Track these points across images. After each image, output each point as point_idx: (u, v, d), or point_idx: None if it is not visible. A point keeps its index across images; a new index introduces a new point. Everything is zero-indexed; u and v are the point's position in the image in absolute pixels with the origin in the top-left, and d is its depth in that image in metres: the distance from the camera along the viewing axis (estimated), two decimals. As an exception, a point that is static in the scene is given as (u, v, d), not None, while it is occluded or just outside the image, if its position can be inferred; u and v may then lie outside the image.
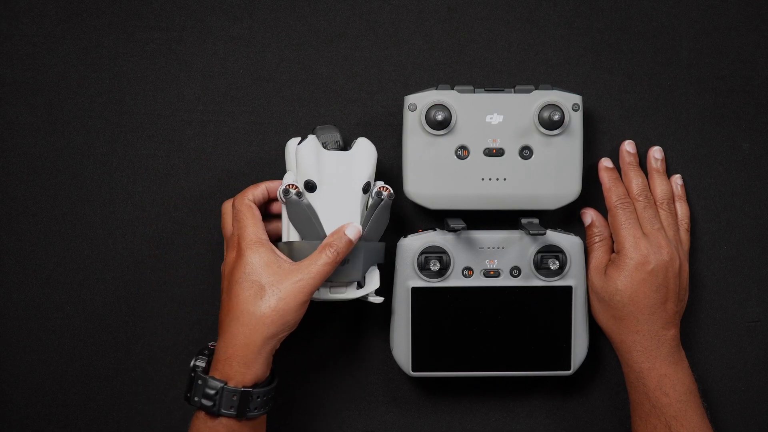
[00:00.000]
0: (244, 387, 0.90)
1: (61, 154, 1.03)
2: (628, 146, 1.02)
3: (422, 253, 1.00)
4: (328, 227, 0.94)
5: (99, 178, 1.03)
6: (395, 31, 1.03)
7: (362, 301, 1.02)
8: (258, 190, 0.96)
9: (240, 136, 1.03)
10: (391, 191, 0.97)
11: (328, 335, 1.05)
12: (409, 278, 1.00)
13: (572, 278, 1.00)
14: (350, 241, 0.93)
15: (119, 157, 1.03)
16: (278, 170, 1.03)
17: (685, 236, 1.03)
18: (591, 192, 1.03)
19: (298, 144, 0.95)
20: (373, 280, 0.98)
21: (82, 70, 1.02)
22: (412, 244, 1.00)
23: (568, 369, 1.01)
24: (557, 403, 1.06)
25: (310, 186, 0.94)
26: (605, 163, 1.02)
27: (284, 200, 0.94)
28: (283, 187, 0.94)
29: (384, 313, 1.03)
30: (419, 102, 0.97)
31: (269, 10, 1.03)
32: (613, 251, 1.01)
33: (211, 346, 0.95)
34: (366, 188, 0.96)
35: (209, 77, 1.03)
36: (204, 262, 1.04)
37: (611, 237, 1.02)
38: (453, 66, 1.03)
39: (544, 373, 1.01)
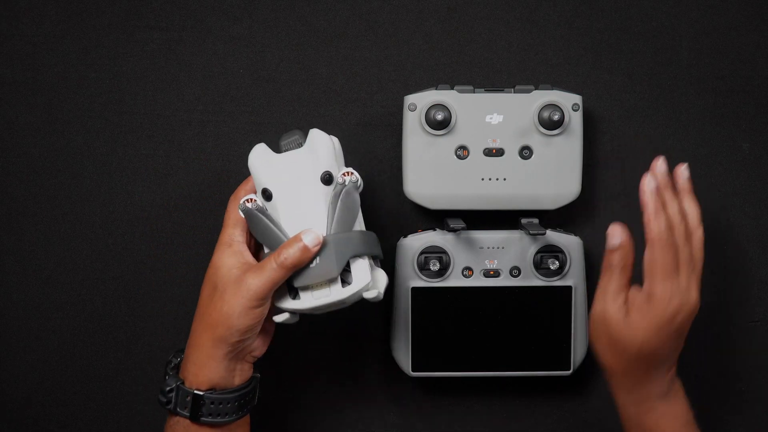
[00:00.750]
0: (197, 389, 0.89)
1: (60, 154, 1.03)
2: (662, 166, 0.92)
3: (422, 253, 1.00)
4: (294, 231, 0.90)
5: (99, 178, 1.03)
6: (395, 31, 1.03)
7: (360, 303, 0.99)
8: (249, 185, 0.94)
9: (240, 136, 1.03)
10: (355, 174, 0.91)
11: (328, 335, 1.05)
12: (408, 278, 1.00)
13: (572, 278, 1.00)
14: (305, 246, 0.87)
15: (119, 157, 1.03)
16: (278, 170, 1.03)
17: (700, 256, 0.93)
18: (591, 192, 1.03)
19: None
20: (361, 273, 0.90)
21: (81, 70, 1.02)
22: (412, 244, 1.00)
23: (568, 369, 1.01)
24: (557, 403, 1.06)
25: (267, 194, 0.91)
26: (649, 185, 0.90)
27: (242, 215, 0.92)
28: (240, 202, 0.91)
29: (384, 313, 1.03)
30: (419, 102, 0.97)
31: (269, 10, 1.03)
32: (631, 282, 0.93)
33: None
34: (327, 179, 0.90)
35: (209, 77, 1.03)
36: (204, 262, 1.03)
37: (633, 264, 0.93)
38: (453, 66, 1.03)
39: (544, 373, 1.01)
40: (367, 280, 0.89)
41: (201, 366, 0.89)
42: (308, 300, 0.90)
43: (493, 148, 0.98)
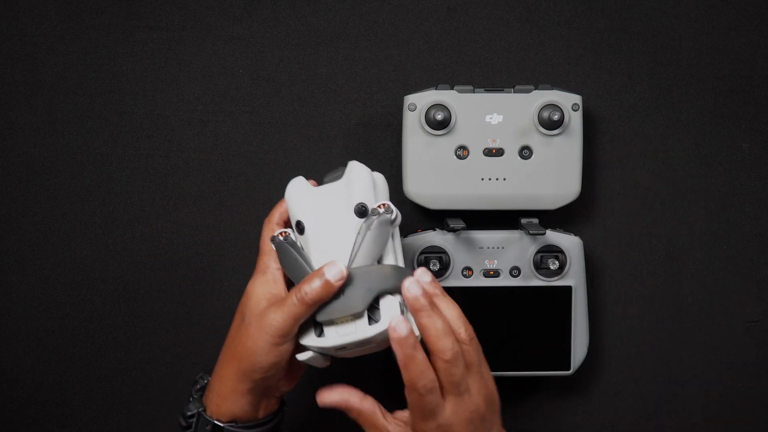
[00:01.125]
0: (218, 419, 0.87)
1: (60, 154, 1.03)
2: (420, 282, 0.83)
3: (422, 253, 1.00)
4: (320, 265, 0.84)
5: (99, 177, 1.03)
6: (395, 31, 1.03)
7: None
8: (283, 208, 0.91)
9: (240, 136, 1.03)
10: (390, 206, 0.86)
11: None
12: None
13: (572, 278, 1.00)
14: (327, 281, 0.82)
15: (119, 156, 1.03)
16: (278, 170, 1.03)
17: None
18: (591, 192, 1.03)
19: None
20: (390, 311, 0.83)
21: (81, 70, 1.02)
22: (412, 244, 1.00)
23: (568, 369, 1.01)
24: (557, 403, 1.06)
25: (300, 228, 0.87)
26: (401, 334, 0.80)
27: (274, 249, 0.88)
28: (273, 235, 0.88)
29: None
30: (419, 102, 0.97)
31: (269, 10, 1.03)
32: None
33: None
34: (361, 211, 0.86)
35: (209, 77, 1.03)
36: (204, 262, 1.04)
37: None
38: (452, 66, 1.03)
39: (544, 373, 1.01)
40: (403, 328, 0.82)
41: (224, 398, 0.87)
42: (333, 337, 0.84)
43: (493, 148, 0.98)
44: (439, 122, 0.97)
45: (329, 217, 0.87)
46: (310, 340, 0.85)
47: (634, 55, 1.03)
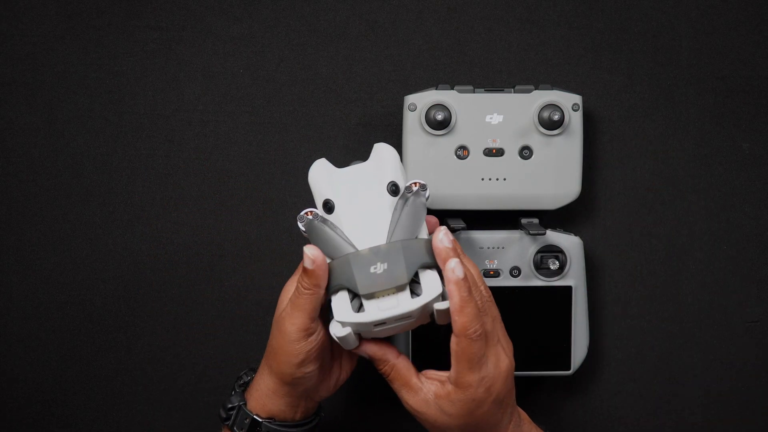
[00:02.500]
0: (257, 414, 0.88)
1: (60, 154, 1.03)
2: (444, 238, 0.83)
3: (422, 253, 0.99)
4: (359, 241, 0.84)
5: (99, 177, 1.03)
6: (395, 31, 1.03)
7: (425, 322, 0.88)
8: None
9: (240, 136, 1.03)
10: (422, 183, 0.86)
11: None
12: (409, 278, 1.00)
13: (572, 278, 1.00)
14: (309, 257, 0.82)
15: (119, 156, 1.03)
16: (278, 170, 1.03)
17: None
18: (591, 192, 1.03)
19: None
20: (432, 283, 0.83)
21: (81, 70, 1.02)
22: (412, 244, 1.00)
23: (568, 369, 1.01)
24: (557, 403, 1.06)
25: (329, 206, 0.86)
26: (457, 272, 0.81)
27: (303, 229, 0.86)
28: (299, 215, 0.86)
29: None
30: (419, 102, 0.97)
31: (269, 10, 1.03)
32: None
33: None
34: (393, 190, 0.86)
35: (209, 77, 1.03)
36: (204, 262, 1.04)
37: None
38: (453, 66, 1.03)
39: (544, 373, 1.01)
40: (439, 290, 0.83)
41: (262, 395, 0.88)
42: (373, 312, 0.82)
43: (493, 148, 0.98)
44: (440, 122, 0.97)
45: (360, 196, 0.86)
46: (348, 316, 0.83)
47: (634, 55, 1.03)
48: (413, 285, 0.83)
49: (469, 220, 0.99)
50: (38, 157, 1.03)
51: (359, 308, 0.83)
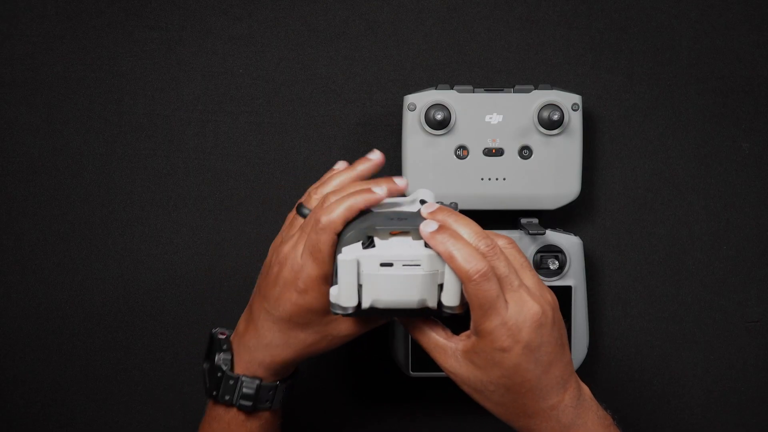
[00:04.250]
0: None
1: (60, 154, 1.03)
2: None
3: (422, 253, 0.99)
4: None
5: (98, 177, 1.03)
6: (395, 31, 1.03)
7: None
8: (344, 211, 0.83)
9: (240, 136, 1.03)
10: (455, 203, 0.87)
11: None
12: (408, 278, 1.00)
13: (572, 278, 1.00)
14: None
15: (119, 156, 1.03)
16: (278, 170, 1.03)
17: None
18: (591, 192, 1.03)
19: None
20: None
21: (81, 70, 1.02)
22: (411, 244, 1.00)
23: (568, 369, 1.01)
24: (557, 403, 1.06)
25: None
26: (427, 227, 0.78)
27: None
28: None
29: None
30: (419, 102, 0.97)
31: (269, 10, 1.03)
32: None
33: None
34: (423, 201, 0.86)
35: (209, 77, 1.03)
36: (204, 262, 1.04)
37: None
38: (452, 66, 1.03)
39: (543, 373, 1.01)
40: None
41: (254, 359, 0.88)
42: (384, 248, 0.78)
43: (492, 147, 0.98)
44: (439, 122, 0.97)
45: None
46: (355, 251, 0.79)
47: (634, 55, 1.03)
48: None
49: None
50: (38, 157, 1.03)
51: (370, 245, 0.79)
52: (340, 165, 0.90)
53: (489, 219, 1.01)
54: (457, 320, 0.82)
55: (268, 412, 0.89)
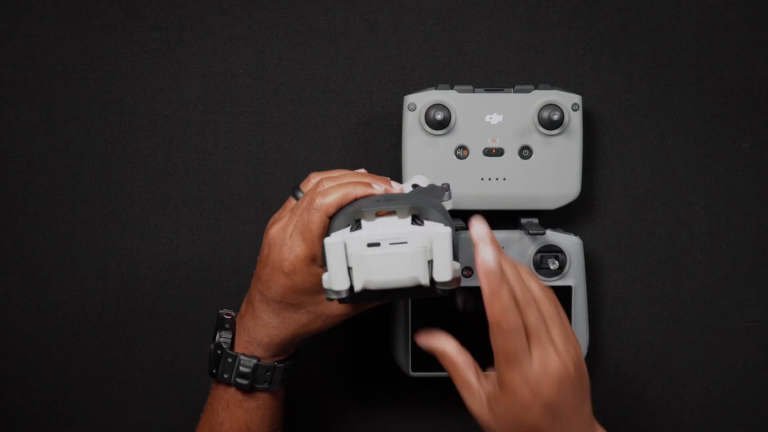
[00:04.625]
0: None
1: (60, 154, 1.03)
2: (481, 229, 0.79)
3: (422, 253, 0.99)
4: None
5: (98, 177, 1.03)
6: (395, 31, 1.03)
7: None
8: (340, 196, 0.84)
9: (240, 136, 1.03)
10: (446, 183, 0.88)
11: (328, 335, 1.05)
12: (408, 278, 1.00)
13: (572, 278, 1.00)
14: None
15: (119, 156, 1.03)
16: (278, 170, 1.03)
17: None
18: (591, 192, 1.03)
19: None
20: (437, 226, 0.79)
21: (81, 70, 1.02)
22: (411, 244, 1.00)
23: (568, 369, 1.01)
24: (557, 403, 1.06)
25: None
26: (488, 260, 0.77)
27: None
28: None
29: (383, 312, 1.03)
30: (419, 102, 0.97)
31: (269, 10, 1.03)
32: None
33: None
34: (414, 185, 0.88)
35: (209, 77, 1.03)
36: (204, 262, 1.04)
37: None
38: (452, 66, 1.03)
39: (543, 373, 1.01)
40: (443, 230, 0.78)
41: (252, 340, 0.89)
42: (370, 228, 0.78)
43: (492, 147, 0.98)
44: (439, 122, 0.97)
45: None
46: (342, 234, 0.79)
47: (634, 55, 1.03)
48: (415, 221, 0.80)
49: (468, 220, 0.99)
50: (38, 157, 1.03)
51: (357, 227, 0.80)
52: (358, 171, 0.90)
53: (489, 219, 1.01)
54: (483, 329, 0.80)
55: (266, 394, 0.90)
